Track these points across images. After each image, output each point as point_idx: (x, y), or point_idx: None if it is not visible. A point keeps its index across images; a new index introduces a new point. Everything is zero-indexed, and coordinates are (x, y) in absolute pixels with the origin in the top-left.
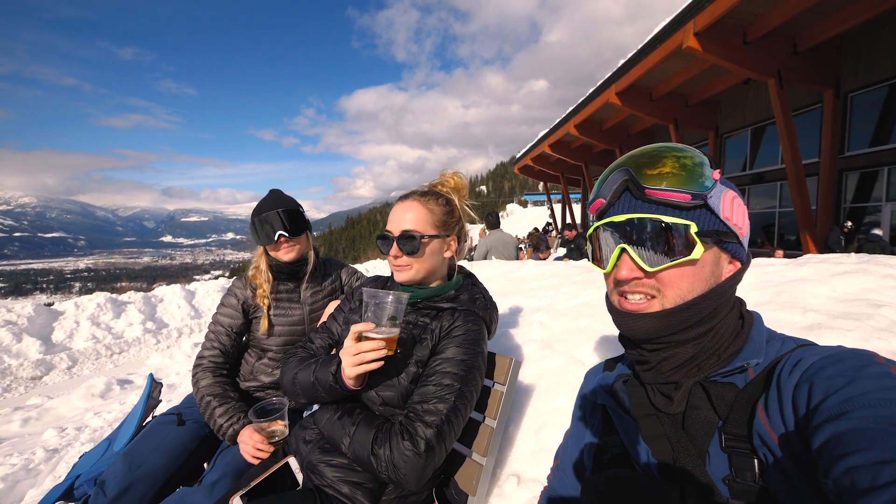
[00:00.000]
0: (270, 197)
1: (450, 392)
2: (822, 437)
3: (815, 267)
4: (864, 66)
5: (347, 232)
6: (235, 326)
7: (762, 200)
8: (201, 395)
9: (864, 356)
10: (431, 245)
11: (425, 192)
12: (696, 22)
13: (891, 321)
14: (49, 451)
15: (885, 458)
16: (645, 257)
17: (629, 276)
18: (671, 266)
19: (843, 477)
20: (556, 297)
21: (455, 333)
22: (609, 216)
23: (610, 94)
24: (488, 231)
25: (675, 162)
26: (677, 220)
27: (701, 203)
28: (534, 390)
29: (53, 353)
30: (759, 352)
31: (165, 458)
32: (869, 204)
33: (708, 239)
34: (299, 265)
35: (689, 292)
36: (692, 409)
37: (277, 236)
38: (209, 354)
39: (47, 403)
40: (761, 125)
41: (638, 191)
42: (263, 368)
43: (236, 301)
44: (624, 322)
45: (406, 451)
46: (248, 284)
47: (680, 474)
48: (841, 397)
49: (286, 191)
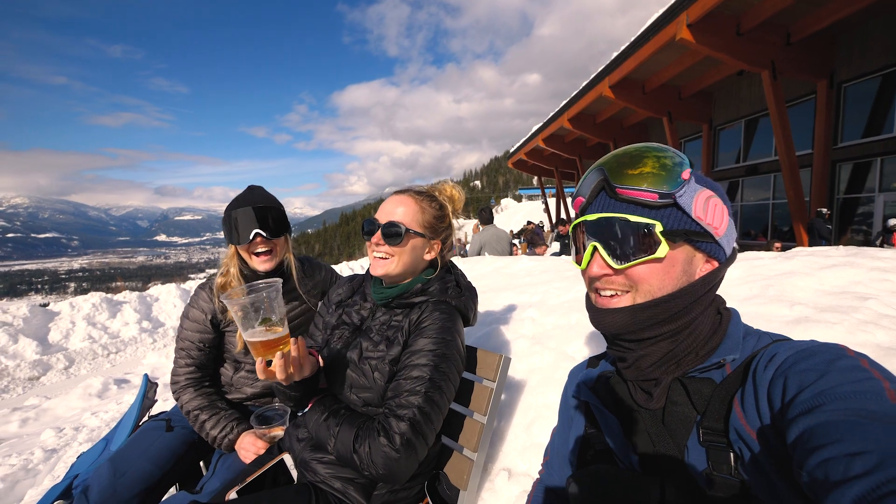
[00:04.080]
0: (249, 192)
1: (420, 384)
2: (796, 431)
3: (803, 260)
4: (857, 56)
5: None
6: (206, 341)
7: (756, 192)
8: (187, 412)
9: (834, 350)
10: (414, 241)
11: (422, 192)
12: (689, 13)
13: (876, 314)
14: (47, 452)
15: (857, 450)
16: (613, 255)
17: (599, 272)
18: (637, 264)
19: (816, 469)
20: (548, 293)
21: (423, 325)
22: (584, 214)
23: (603, 87)
24: (482, 226)
25: (649, 162)
26: (643, 219)
27: (670, 202)
28: (525, 386)
29: (50, 354)
30: (736, 348)
31: (152, 464)
32: (862, 195)
33: (676, 238)
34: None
35: (660, 289)
36: (671, 405)
37: (253, 235)
38: (184, 371)
39: (45, 404)
40: (755, 117)
41: (611, 190)
42: (244, 381)
43: (203, 315)
44: (596, 317)
45: (383, 447)
46: (216, 296)
47: (660, 468)
48: (813, 391)
49: (280, 188)
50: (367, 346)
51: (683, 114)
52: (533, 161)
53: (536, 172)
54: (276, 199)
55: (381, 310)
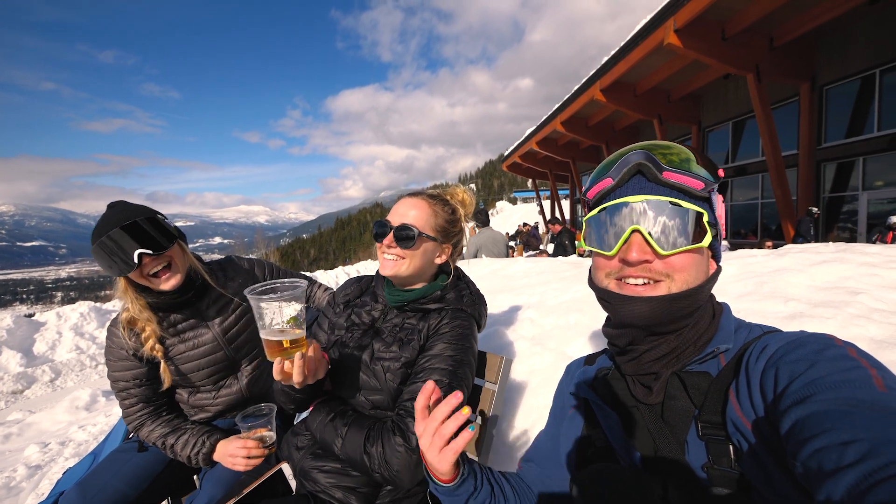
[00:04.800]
0: (110, 211)
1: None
2: (789, 422)
3: (795, 257)
4: (837, 60)
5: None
6: (141, 375)
7: (745, 192)
8: (153, 443)
9: (823, 340)
10: (426, 245)
11: (435, 196)
12: (677, 19)
13: (868, 308)
14: (31, 468)
15: (848, 439)
16: (660, 240)
17: (639, 258)
18: (684, 251)
19: (810, 459)
20: (546, 294)
21: (443, 331)
22: (617, 197)
23: (595, 90)
24: (478, 229)
25: (693, 153)
26: (694, 206)
27: (706, 195)
28: (526, 387)
29: (35, 366)
30: (729, 338)
31: (124, 485)
32: (847, 193)
33: (715, 231)
34: (185, 292)
35: (695, 280)
36: (670, 400)
37: (138, 257)
38: (133, 410)
39: (29, 418)
40: (742, 119)
41: (656, 171)
42: (203, 402)
43: (125, 353)
44: (623, 305)
45: (398, 447)
46: (128, 332)
47: (662, 465)
48: (804, 381)
49: (275, 193)
50: (380, 347)
51: (673, 116)
52: (527, 164)
53: (531, 175)
54: (144, 207)
55: (393, 311)
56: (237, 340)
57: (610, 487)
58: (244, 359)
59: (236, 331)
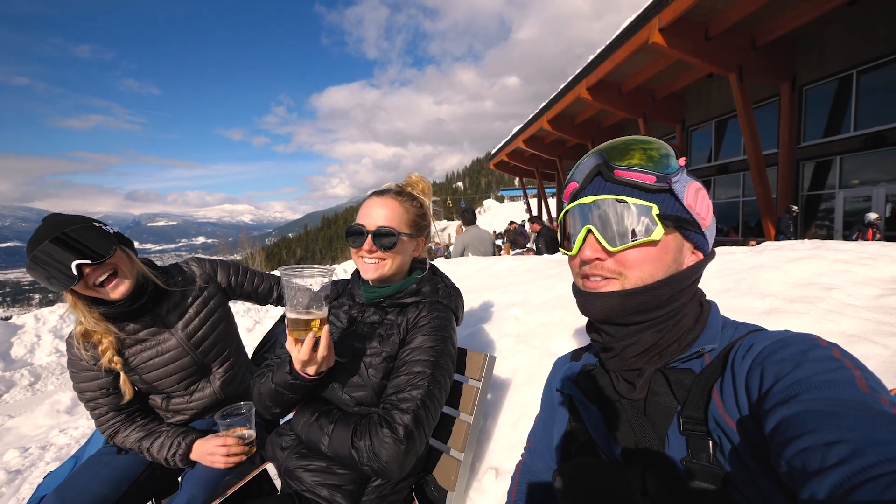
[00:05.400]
0: (42, 226)
1: (422, 378)
2: (774, 421)
3: (772, 254)
4: (816, 61)
5: (324, 232)
6: (108, 385)
7: (727, 190)
8: (129, 449)
9: (808, 340)
10: (405, 242)
11: (401, 192)
12: (661, 18)
13: (840, 303)
14: (11, 473)
15: (832, 440)
16: (608, 237)
17: (592, 256)
18: (632, 246)
19: (794, 459)
20: (531, 292)
21: (422, 323)
22: (579, 199)
23: (581, 89)
24: (465, 228)
25: (643, 148)
26: (640, 201)
27: (665, 187)
28: (510, 384)
29: (13, 370)
30: (715, 338)
31: (104, 487)
32: (824, 191)
33: (669, 223)
34: (140, 297)
35: (651, 276)
36: (653, 395)
37: (76, 268)
38: (105, 419)
39: (8, 423)
40: (724, 118)
41: (608, 171)
42: (178, 405)
43: (87, 364)
44: (584, 302)
45: (386, 438)
46: (84, 345)
47: (642, 458)
48: (789, 381)
49: (260, 192)
50: (359, 344)
51: (658, 115)
52: (514, 162)
53: (518, 173)
54: (79, 216)
55: (370, 309)
56: (203, 344)
57: (591, 479)
58: (214, 361)
59: (202, 335)
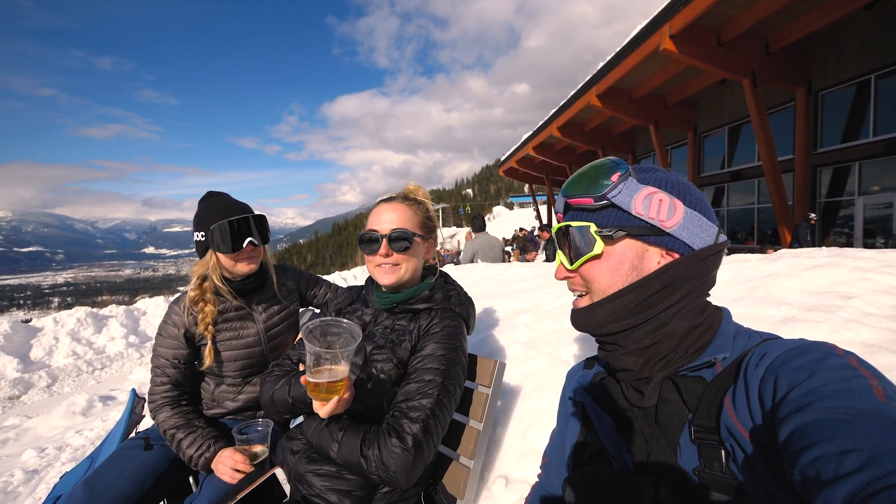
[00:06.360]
0: (224, 201)
1: (432, 387)
2: (788, 430)
3: (788, 261)
4: (832, 65)
5: (334, 238)
6: (181, 357)
7: (741, 197)
8: (163, 430)
9: (824, 349)
10: (418, 244)
11: (406, 197)
12: (672, 24)
13: (860, 312)
14: (28, 473)
15: (847, 448)
16: (569, 258)
17: (561, 276)
18: (581, 263)
19: (808, 468)
20: (541, 298)
21: (433, 331)
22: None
23: (591, 96)
24: (474, 234)
25: (584, 174)
26: (580, 222)
27: (606, 203)
28: (520, 392)
29: (32, 371)
30: (727, 346)
31: (130, 484)
32: (843, 198)
33: (611, 234)
34: (254, 279)
35: (609, 286)
36: (663, 403)
37: (247, 243)
38: (161, 390)
39: (26, 423)
40: (738, 124)
41: (566, 203)
42: (225, 395)
43: (176, 331)
44: (571, 317)
45: (394, 448)
46: (188, 311)
47: (654, 467)
48: (803, 389)
49: (271, 198)
50: (372, 349)
51: (669, 121)
52: (524, 169)
53: (527, 180)
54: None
55: (383, 314)
56: (275, 340)
57: (602, 488)
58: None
59: (277, 331)
